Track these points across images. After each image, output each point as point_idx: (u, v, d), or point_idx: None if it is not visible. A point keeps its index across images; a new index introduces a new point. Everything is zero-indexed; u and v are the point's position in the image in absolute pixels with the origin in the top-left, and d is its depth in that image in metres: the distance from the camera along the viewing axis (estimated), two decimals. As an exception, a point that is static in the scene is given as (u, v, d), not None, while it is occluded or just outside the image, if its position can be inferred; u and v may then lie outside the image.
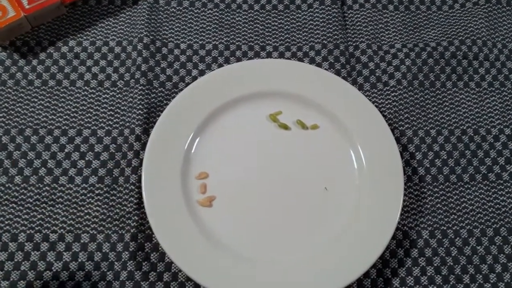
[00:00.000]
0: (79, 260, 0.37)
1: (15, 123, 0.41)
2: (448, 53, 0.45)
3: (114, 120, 0.41)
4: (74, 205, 0.38)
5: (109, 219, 0.38)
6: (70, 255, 0.37)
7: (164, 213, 0.36)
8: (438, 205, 0.40)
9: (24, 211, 0.38)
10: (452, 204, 0.40)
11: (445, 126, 0.43)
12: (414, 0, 0.48)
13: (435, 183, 0.41)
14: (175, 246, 0.35)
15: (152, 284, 0.36)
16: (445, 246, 0.39)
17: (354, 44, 0.46)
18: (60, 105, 0.42)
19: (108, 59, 0.44)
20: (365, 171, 0.39)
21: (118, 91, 0.42)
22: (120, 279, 0.36)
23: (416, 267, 0.38)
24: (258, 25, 0.46)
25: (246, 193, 0.39)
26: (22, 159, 0.39)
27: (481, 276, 0.38)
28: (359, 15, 0.47)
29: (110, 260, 0.37)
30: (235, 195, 0.39)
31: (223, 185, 0.39)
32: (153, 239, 0.37)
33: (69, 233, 0.37)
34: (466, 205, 0.40)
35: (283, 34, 0.46)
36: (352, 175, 0.40)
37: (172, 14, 0.46)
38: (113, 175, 0.39)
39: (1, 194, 0.38)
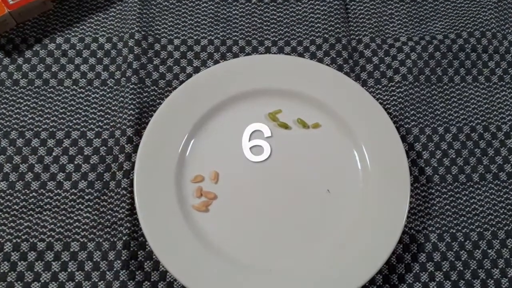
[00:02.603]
0: (69, 270, 0.35)
1: (0, 126, 0.39)
2: (456, 46, 0.44)
3: (104, 121, 0.39)
4: (63, 211, 0.36)
5: (100, 226, 0.36)
6: (59, 265, 0.35)
7: (158, 219, 0.35)
8: (447, 206, 0.38)
9: (10, 219, 0.36)
10: (461, 206, 0.38)
11: (453, 123, 0.41)
12: (419, -10, 0.46)
13: (443, 184, 0.39)
14: (170, 254, 0.34)
15: (146, 294, 0.34)
16: (454, 249, 0.37)
17: (357, 37, 0.44)
18: (47, 105, 0.40)
19: (98, 56, 0.42)
20: (369, 172, 0.38)
21: (108, 90, 0.41)
22: (112, 289, 0.34)
23: (424, 273, 0.36)
24: (256, 19, 0.44)
25: (244, 197, 0.37)
26: (7, 164, 0.38)
27: (492, 281, 0.36)
28: (362, 7, 0.45)
29: (101, 270, 0.35)
30: (232, 200, 0.37)
31: (220, 189, 0.37)
32: (147, 246, 0.36)
33: (58, 242, 0.36)
34: (476, 206, 0.38)
35: (282, 28, 0.44)
36: (356, 176, 0.38)
37: (165, 8, 0.44)
38: (104, 180, 0.37)
39: (-14, 201, 0.36)
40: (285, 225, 0.36)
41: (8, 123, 0.39)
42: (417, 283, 0.36)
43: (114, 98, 0.40)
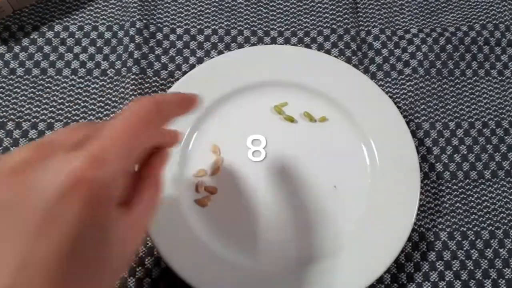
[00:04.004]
0: (67, 266, 0.34)
1: (-4, 116, 0.38)
2: (468, 39, 0.42)
3: (104, 112, 0.38)
4: None
5: (99, 221, 0.35)
6: None
7: (159, 214, 0.33)
8: (458, 204, 0.37)
9: (6, 213, 0.35)
10: (472, 203, 0.37)
11: (465, 118, 0.40)
12: (430, -19, 0.45)
13: (454, 180, 0.38)
14: (172, 250, 0.32)
15: (147, 291, 0.33)
16: (465, 248, 0.36)
17: (366, 29, 0.42)
18: (45, 96, 0.38)
19: (98, 45, 0.40)
20: (378, 168, 0.36)
21: (108, 81, 0.39)
22: (112, 286, 0.33)
23: (433, 272, 0.35)
24: (261, 8, 0.43)
25: (247, 192, 0.36)
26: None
27: (504, 281, 0.35)
28: (371, -3, 0.44)
29: (100, 266, 0.34)
30: (235, 194, 0.36)
31: (223, 184, 0.36)
32: (148, 242, 0.35)
33: None
34: (488, 204, 0.37)
35: (289, 18, 0.43)
36: (364, 172, 0.37)
37: (167, -4, 0.43)
38: (103, 173, 0.36)
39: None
40: (289, 221, 0.35)
41: (4, 113, 0.38)
42: (426, 282, 0.35)
43: (114, 89, 0.39)
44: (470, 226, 0.37)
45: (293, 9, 0.43)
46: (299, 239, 0.35)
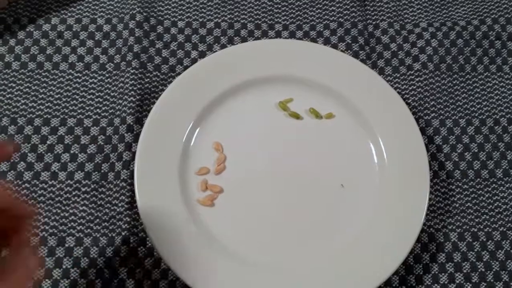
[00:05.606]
0: (64, 267, 0.33)
1: (-10, 111, 0.37)
2: (480, 33, 0.41)
3: (103, 108, 0.37)
4: (58, 204, 0.34)
5: (97, 220, 0.34)
6: (53, 261, 0.33)
7: (160, 214, 0.33)
8: (468, 204, 0.36)
9: (1, 212, 0.34)
10: (483, 203, 0.36)
11: (476, 115, 0.39)
12: (440, -27, 0.44)
13: (464, 180, 0.37)
14: (172, 250, 0.32)
15: (147, 293, 0.33)
16: (475, 250, 0.35)
17: (374, 22, 0.42)
18: (41, 90, 0.38)
19: (96, 38, 0.40)
20: (386, 166, 0.36)
21: (107, 75, 0.38)
22: (110, 288, 0.33)
23: (443, 274, 0.34)
24: (266, 1, 0.42)
25: (252, 191, 0.35)
26: (-2, 152, 0.35)
27: (516, 283, 0.34)
28: (379, -10, 0.43)
29: (98, 267, 0.33)
30: (239, 194, 0.35)
31: (227, 182, 0.35)
32: (147, 242, 0.34)
33: (52, 236, 0.34)
34: (500, 204, 0.36)
35: (294, 11, 0.42)
36: (372, 170, 0.36)
37: (169, -12, 0.42)
38: (102, 171, 0.35)
39: (-25, 192, 0.34)
40: (295, 221, 0.34)
41: (-1, 108, 0.37)
42: (436, 284, 0.34)
43: (113, 84, 0.38)
44: (481, 227, 0.36)
45: (298, 2, 0.42)
46: (304, 239, 0.34)
